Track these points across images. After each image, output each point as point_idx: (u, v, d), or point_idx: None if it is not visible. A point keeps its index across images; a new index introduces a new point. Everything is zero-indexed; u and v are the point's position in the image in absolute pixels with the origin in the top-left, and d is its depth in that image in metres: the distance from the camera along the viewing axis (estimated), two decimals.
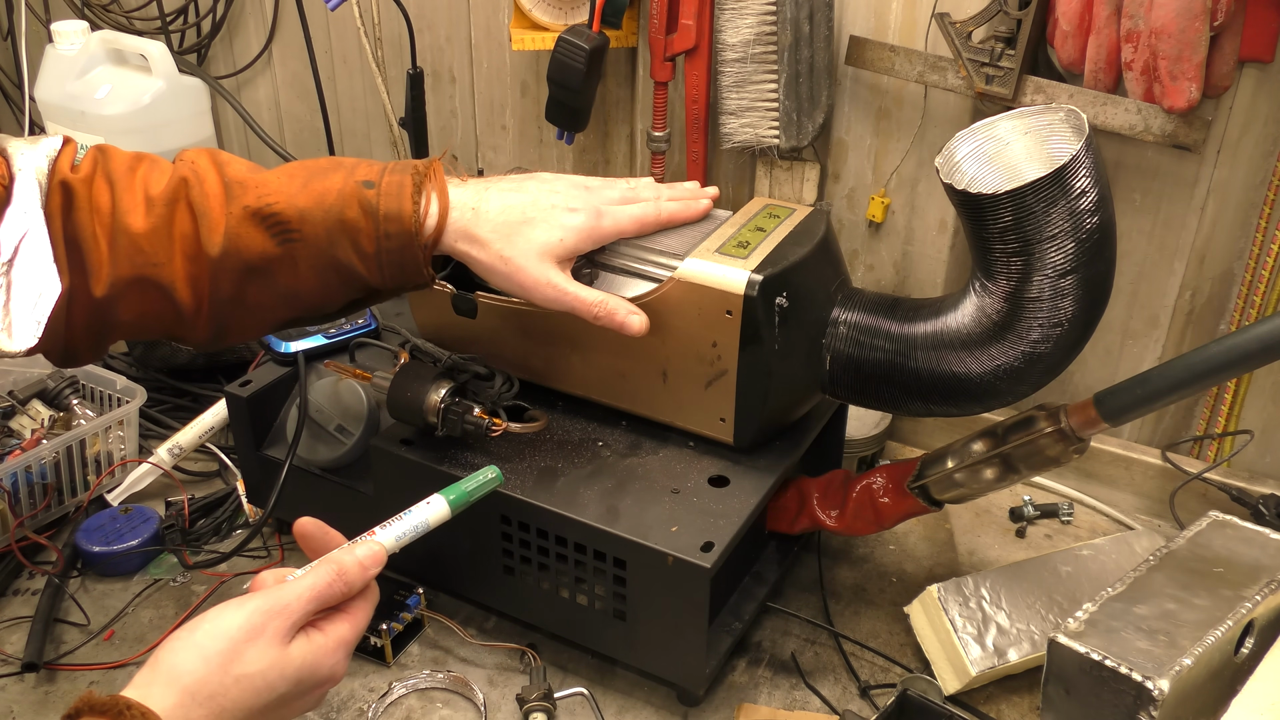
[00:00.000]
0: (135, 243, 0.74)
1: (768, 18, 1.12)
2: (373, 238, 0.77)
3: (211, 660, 0.61)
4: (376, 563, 0.70)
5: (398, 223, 0.77)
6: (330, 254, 0.77)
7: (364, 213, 0.77)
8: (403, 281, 0.80)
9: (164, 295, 0.76)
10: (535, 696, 0.90)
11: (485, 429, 0.91)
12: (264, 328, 0.83)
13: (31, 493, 1.11)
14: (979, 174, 0.84)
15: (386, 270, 0.78)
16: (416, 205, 0.78)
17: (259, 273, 0.77)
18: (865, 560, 1.11)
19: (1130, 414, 0.83)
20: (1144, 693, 0.75)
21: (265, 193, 0.77)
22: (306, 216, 0.76)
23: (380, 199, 0.77)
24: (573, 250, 0.85)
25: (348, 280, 0.79)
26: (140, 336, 0.82)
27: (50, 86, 1.45)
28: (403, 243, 0.77)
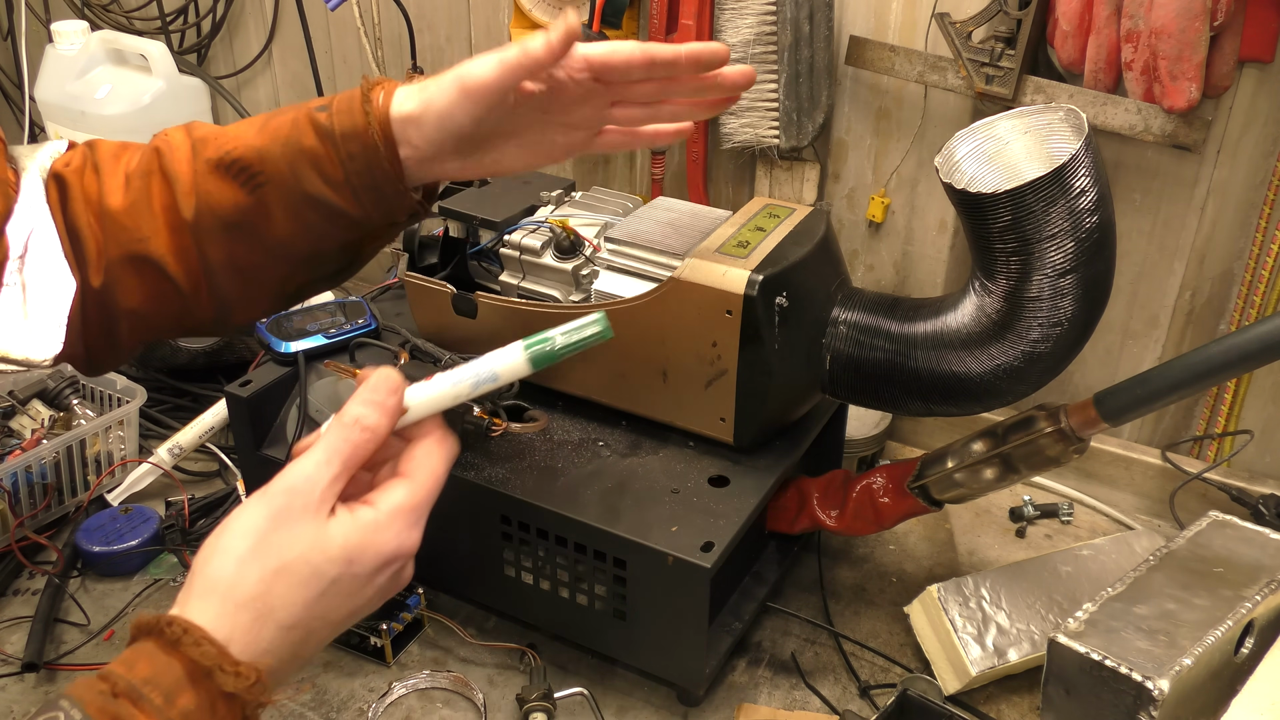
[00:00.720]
0: (119, 220, 0.73)
1: (768, 18, 1.12)
2: (336, 161, 0.71)
3: (244, 559, 0.55)
4: (391, 390, 0.61)
5: (356, 140, 0.71)
6: (300, 189, 0.72)
7: (320, 137, 0.71)
8: (383, 208, 0.74)
9: (157, 271, 0.73)
10: (535, 696, 0.90)
11: (485, 429, 0.91)
12: (267, 295, 0.78)
13: (31, 493, 1.11)
14: (979, 173, 0.84)
15: (362, 195, 0.72)
16: (369, 116, 0.71)
17: (238, 228, 0.73)
18: (865, 560, 1.11)
19: (1130, 414, 0.83)
20: (1144, 693, 0.75)
21: (224, 142, 0.73)
22: (266, 155, 0.72)
23: (334, 118, 0.71)
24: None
25: (328, 216, 0.73)
26: (149, 328, 0.77)
27: (50, 86, 1.45)
28: (367, 160, 0.71)
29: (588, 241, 0.99)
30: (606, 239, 0.98)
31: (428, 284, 1.02)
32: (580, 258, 0.99)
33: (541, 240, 1.00)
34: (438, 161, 0.74)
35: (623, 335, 0.94)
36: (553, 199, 1.06)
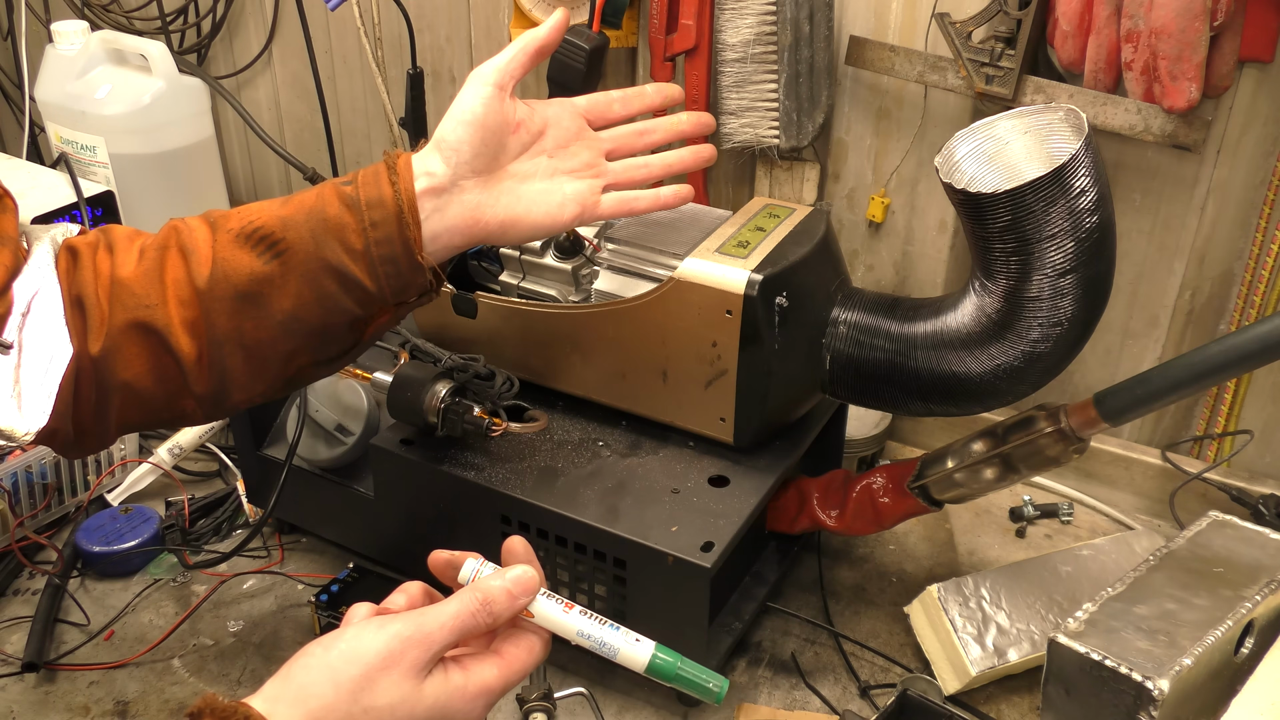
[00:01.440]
0: (128, 288, 0.73)
1: (768, 18, 1.12)
2: (359, 230, 0.73)
3: (343, 686, 0.57)
4: (526, 591, 0.64)
5: (381, 207, 0.73)
6: (319, 257, 0.73)
7: (346, 206, 0.74)
8: (398, 283, 0.75)
9: (160, 341, 0.73)
10: (535, 696, 0.90)
11: (485, 429, 0.91)
12: (268, 373, 0.78)
13: (31, 493, 1.11)
14: (978, 173, 0.84)
15: (379, 268, 0.74)
16: (394, 184, 0.74)
17: (251, 299, 0.74)
18: (865, 560, 1.11)
19: (1130, 414, 0.83)
20: (1144, 693, 0.75)
21: (248, 215, 0.75)
22: (289, 223, 0.74)
23: (360, 190, 0.74)
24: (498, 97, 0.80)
25: (343, 287, 0.74)
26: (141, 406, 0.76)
27: (50, 86, 1.45)
28: (390, 229, 0.73)
29: (588, 241, 0.99)
30: (606, 239, 0.98)
31: None
32: (580, 258, 0.99)
33: (541, 240, 1.00)
34: (456, 189, 0.76)
35: (623, 335, 0.94)
36: None
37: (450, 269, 1.05)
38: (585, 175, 0.82)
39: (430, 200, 0.75)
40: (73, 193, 1.25)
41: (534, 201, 0.79)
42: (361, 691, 0.57)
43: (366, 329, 0.79)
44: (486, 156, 0.77)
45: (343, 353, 0.80)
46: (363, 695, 0.57)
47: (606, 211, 0.83)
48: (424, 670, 0.59)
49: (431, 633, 0.60)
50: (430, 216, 0.75)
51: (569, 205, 0.80)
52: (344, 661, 0.58)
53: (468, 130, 0.76)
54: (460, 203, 0.76)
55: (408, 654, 0.59)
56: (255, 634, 1.01)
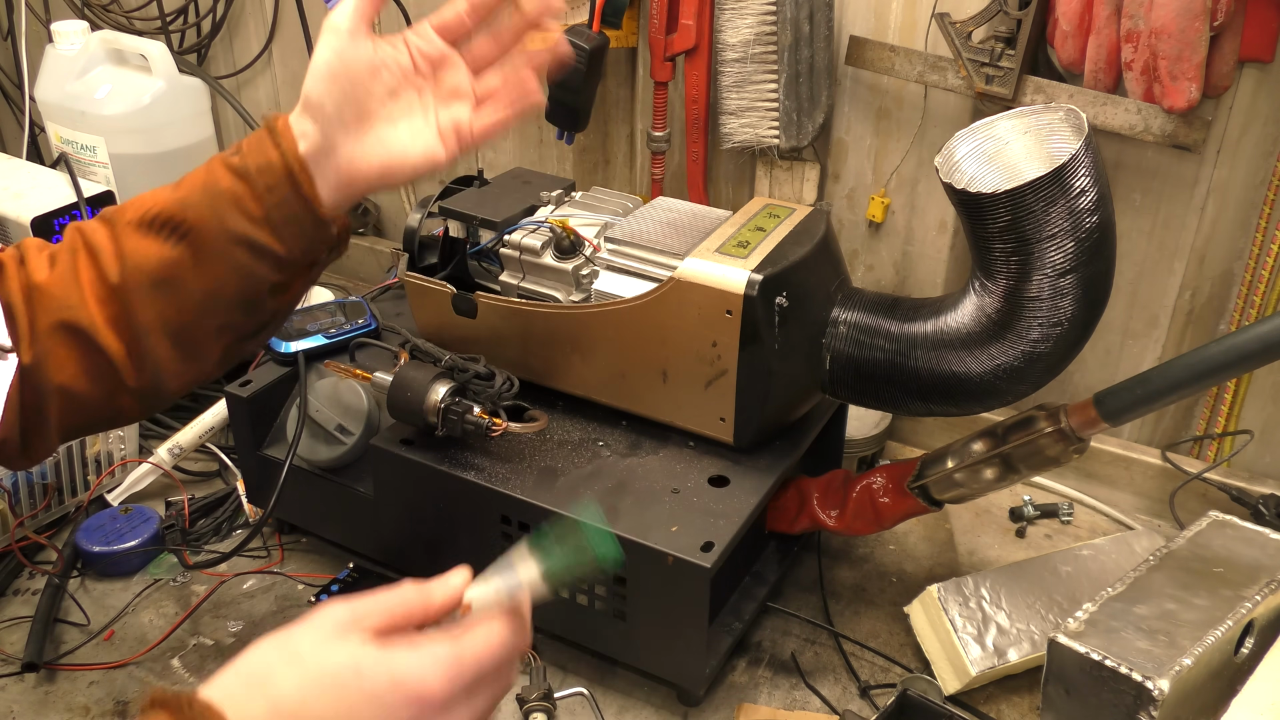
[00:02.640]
0: (47, 291, 0.74)
1: (768, 18, 1.12)
2: (255, 198, 0.73)
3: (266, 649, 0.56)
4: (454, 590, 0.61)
5: (270, 172, 0.73)
6: (225, 230, 0.73)
7: (237, 177, 0.73)
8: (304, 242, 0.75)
9: (87, 340, 0.73)
10: (535, 696, 0.90)
11: (485, 429, 0.91)
12: (199, 355, 0.77)
13: (31, 493, 1.11)
14: (978, 173, 0.84)
15: (282, 230, 0.73)
16: (279, 146, 0.73)
17: (167, 284, 0.74)
18: (865, 560, 1.11)
19: (1130, 414, 0.83)
20: (1144, 693, 0.75)
21: (141, 203, 0.75)
22: (187, 203, 0.74)
23: (248, 158, 0.73)
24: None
25: (254, 254, 0.74)
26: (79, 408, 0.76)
27: (50, 86, 1.44)
28: (285, 192, 0.73)
29: (588, 241, 0.99)
30: (606, 239, 0.98)
31: (428, 284, 1.02)
32: (580, 258, 0.99)
33: (541, 240, 1.00)
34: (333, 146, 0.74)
35: (623, 335, 0.94)
36: (553, 199, 1.06)
37: (452, 269, 1.05)
38: (456, 101, 0.78)
39: (312, 161, 0.74)
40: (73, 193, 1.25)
41: (408, 143, 0.76)
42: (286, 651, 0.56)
43: (284, 296, 0.79)
44: (352, 107, 0.74)
45: (266, 323, 0.80)
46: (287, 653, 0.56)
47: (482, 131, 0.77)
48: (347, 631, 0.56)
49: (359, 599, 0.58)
50: (316, 177, 0.74)
51: (447, 138, 0.76)
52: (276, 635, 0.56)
53: (325, 84, 0.73)
54: (335, 159, 0.74)
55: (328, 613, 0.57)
56: (255, 634, 1.01)
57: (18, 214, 1.21)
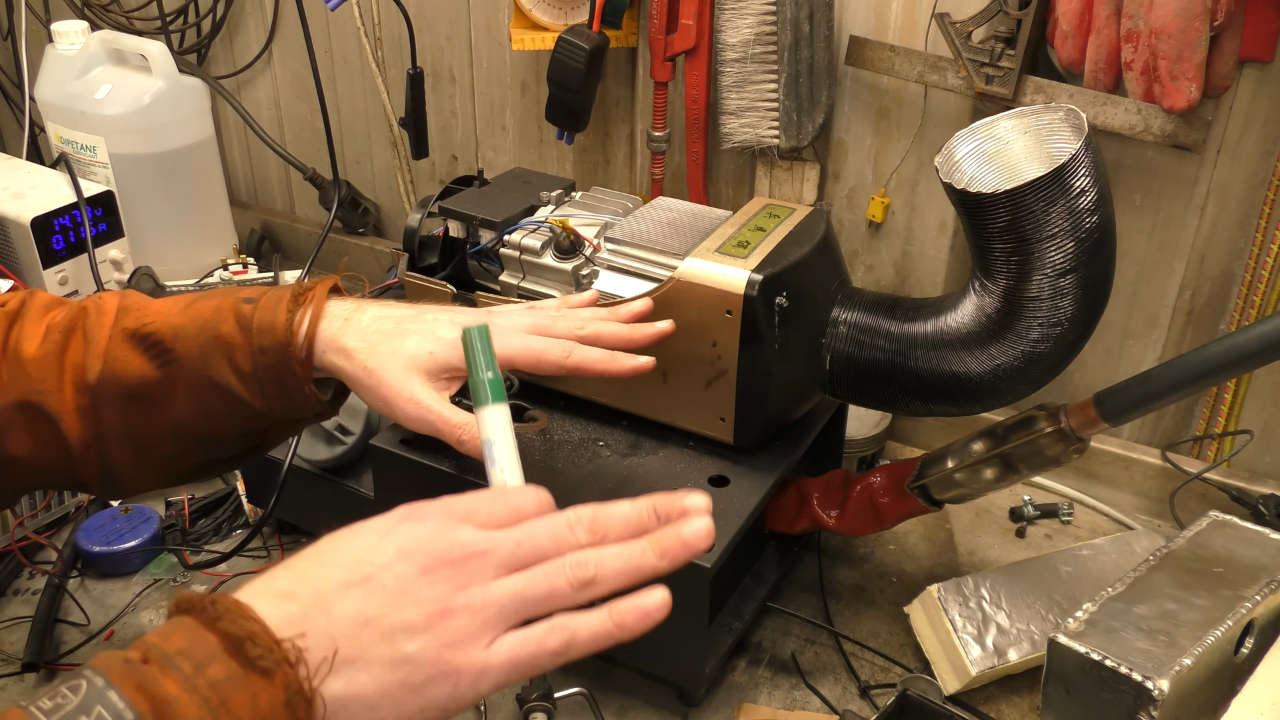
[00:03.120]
0: (25, 369, 0.72)
1: (768, 18, 1.12)
2: (247, 353, 0.72)
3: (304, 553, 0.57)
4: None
5: (270, 335, 0.72)
6: (206, 374, 0.72)
7: (239, 327, 0.73)
8: (287, 405, 0.74)
9: (50, 425, 0.73)
10: (535, 696, 0.90)
11: None
12: (158, 470, 0.77)
13: (31, 493, 1.11)
14: (978, 173, 0.84)
15: (267, 390, 0.73)
16: (291, 316, 0.73)
17: (140, 400, 0.73)
18: (865, 560, 1.11)
19: (1130, 414, 0.83)
20: (1144, 693, 0.75)
21: (146, 314, 0.74)
22: (181, 334, 0.73)
23: (256, 312, 0.73)
24: (444, 365, 0.75)
25: (230, 406, 0.74)
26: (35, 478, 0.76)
27: (50, 86, 1.45)
28: (278, 357, 0.72)
29: (588, 241, 0.99)
30: (606, 239, 0.98)
31: (428, 284, 1.02)
32: (580, 258, 0.99)
33: (541, 240, 1.00)
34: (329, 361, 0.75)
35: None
36: (553, 199, 1.06)
37: (452, 269, 1.05)
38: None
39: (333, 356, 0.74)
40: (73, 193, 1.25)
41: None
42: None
43: (264, 438, 0.79)
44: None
45: (240, 455, 0.80)
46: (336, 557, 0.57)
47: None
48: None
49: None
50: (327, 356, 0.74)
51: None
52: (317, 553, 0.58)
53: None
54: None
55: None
56: None
57: (18, 214, 1.21)
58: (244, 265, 1.48)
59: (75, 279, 1.26)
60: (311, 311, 0.74)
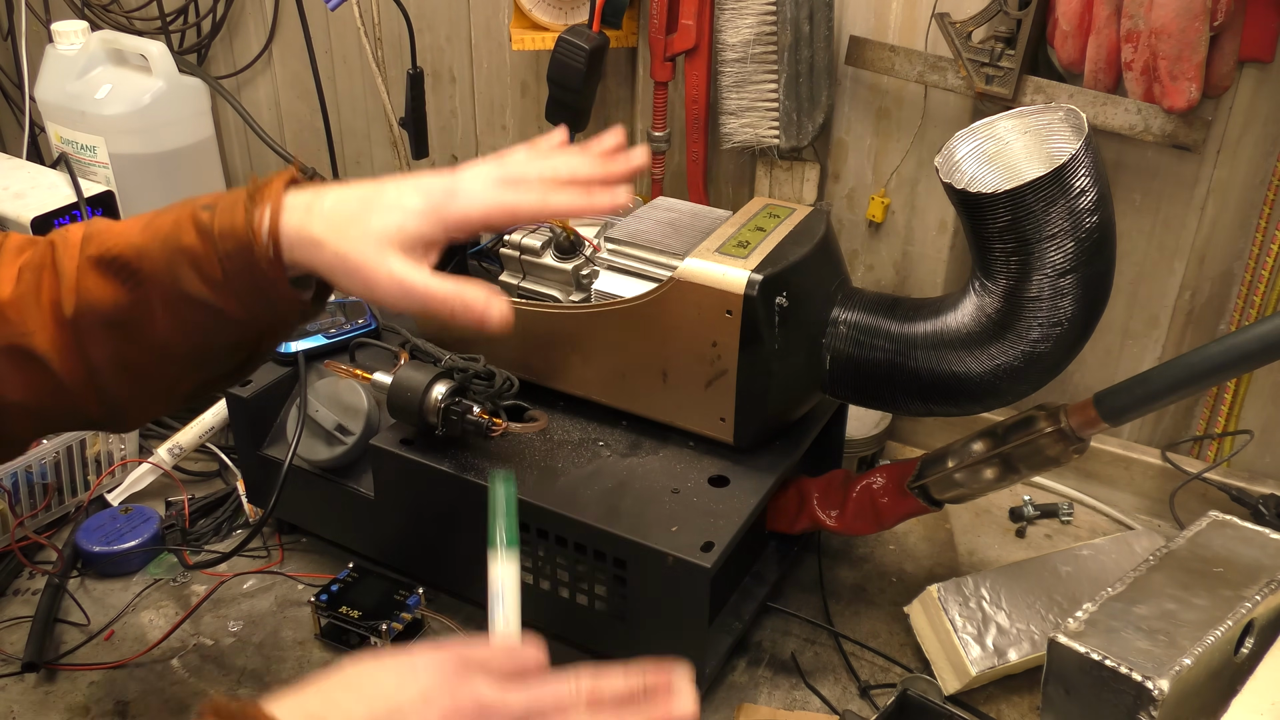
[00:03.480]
0: (4, 313, 0.71)
1: (768, 18, 1.12)
2: (215, 261, 0.69)
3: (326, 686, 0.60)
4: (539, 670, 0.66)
5: (233, 238, 0.69)
6: (178, 289, 0.70)
7: (200, 235, 0.70)
8: (267, 309, 0.72)
9: (40, 367, 0.71)
10: None
11: (485, 429, 0.91)
12: (160, 396, 0.76)
13: (31, 493, 1.11)
14: (978, 173, 0.84)
15: (243, 297, 0.70)
16: (250, 215, 0.69)
17: (120, 326, 0.71)
18: (865, 560, 1.11)
19: (1130, 414, 0.83)
20: (1144, 693, 0.75)
21: (108, 238, 0.72)
22: (145, 253, 0.70)
23: (215, 217, 0.70)
24: (416, 235, 0.72)
25: (210, 318, 0.71)
26: (42, 422, 0.75)
27: (50, 86, 1.45)
28: (245, 260, 0.69)
29: (588, 241, 0.99)
30: (606, 239, 0.98)
31: None
32: (580, 258, 0.99)
33: (541, 240, 1.00)
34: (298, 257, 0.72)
35: (623, 335, 0.94)
36: None
37: (451, 269, 1.05)
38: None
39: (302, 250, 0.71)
40: (73, 193, 1.25)
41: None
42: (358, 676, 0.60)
43: (256, 348, 0.77)
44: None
45: (236, 369, 0.78)
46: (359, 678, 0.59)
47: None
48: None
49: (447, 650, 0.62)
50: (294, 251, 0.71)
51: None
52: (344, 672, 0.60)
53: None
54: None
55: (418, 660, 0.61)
56: (255, 634, 1.01)
57: (18, 214, 1.21)
58: None
59: None
60: (270, 207, 0.70)
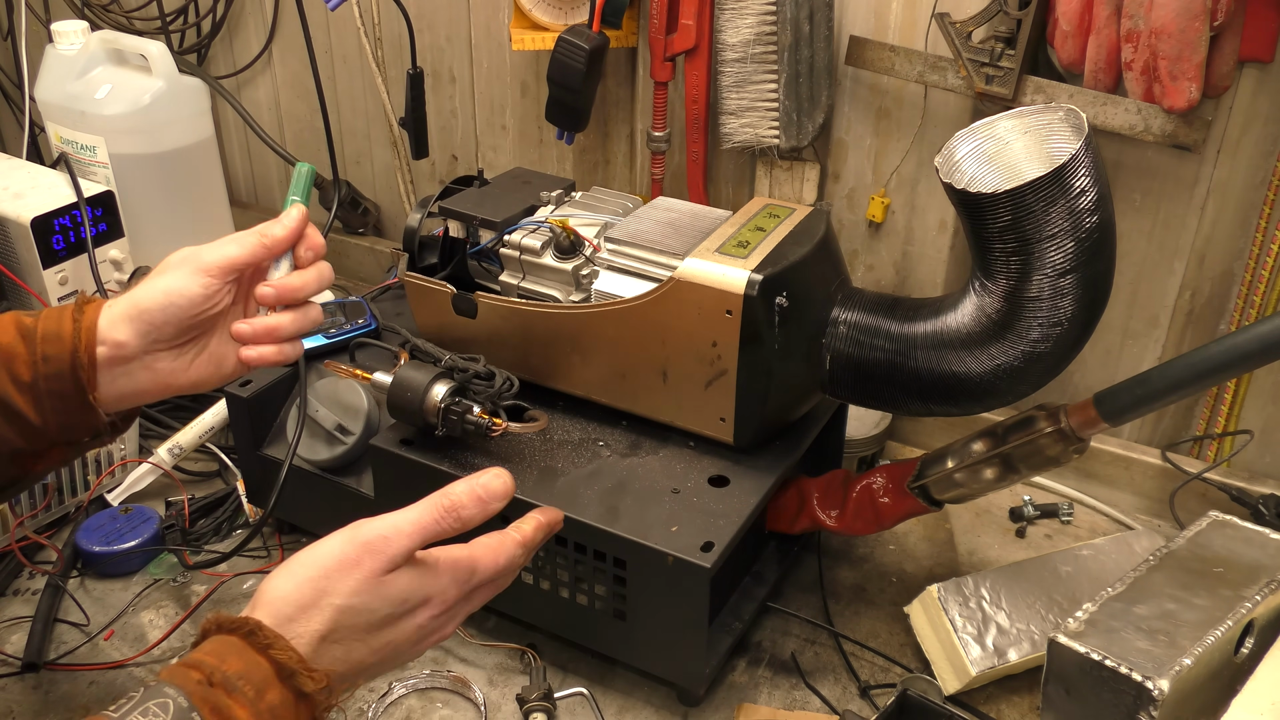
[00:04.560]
0: None
1: (768, 18, 1.12)
2: (29, 363, 0.72)
3: (303, 585, 0.62)
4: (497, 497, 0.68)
5: (57, 342, 0.72)
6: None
7: (20, 337, 0.73)
8: (65, 420, 0.74)
9: None
10: (535, 696, 0.90)
11: (485, 429, 0.91)
12: None
13: (31, 493, 1.11)
14: (978, 173, 0.84)
15: (46, 403, 0.73)
16: (78, 322, 0.73)
17: None
18: (865, 560, 1.11)
19: (1130, 414, 0.83)
20: (1144, 693, 0.75)
21: None
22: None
23: (39, 322, 0.73)
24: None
25: (5, 417, 0.73)
26: None
27: (50, 86, 1.44)
28: (61, 365, 0.72)
29: (588, 241, 0.99)
30: (606, 239, 0.98)
31: (428, 284, 1.02)
32: (580, 258, 0.99)
33: (541, 240, 1.00)
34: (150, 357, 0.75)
35: (623, 335, 0.94)
36: (553, 199, 1.06)
37: (452, 269, 1.05)
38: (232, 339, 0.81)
39: (117, 367, 0.74)
40: (73, 193, 1.25)
41: (223, 361, 0.79)
42: (322, 592, 0.62)
43: (32, 465, 0.78)
44: (188, 335, 0.77)
45: (7, 486, 0.79)
46: (323, 595, 0.62)
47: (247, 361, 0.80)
48: (383, 572, 0.63)
49: (390, 539, 0.64)
50: (117, 379, 0.75)
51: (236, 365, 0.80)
52: (301, 565, 0.63)
53: (176, 313, 0.75)
54: (153, 370, 0.76)
55: (364, 561, 0.63)
56: None
57: (18, 214, 1.21)
58: None
59: (75, 279, 1.25)
60: (93, 312, 0.74)
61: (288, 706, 0.58)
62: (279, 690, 0.58)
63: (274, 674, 0.58)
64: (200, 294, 0.75)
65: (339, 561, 0.63)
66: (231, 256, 0.76)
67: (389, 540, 0.64)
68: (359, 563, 0.63)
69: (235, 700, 0.56)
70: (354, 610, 0.62)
